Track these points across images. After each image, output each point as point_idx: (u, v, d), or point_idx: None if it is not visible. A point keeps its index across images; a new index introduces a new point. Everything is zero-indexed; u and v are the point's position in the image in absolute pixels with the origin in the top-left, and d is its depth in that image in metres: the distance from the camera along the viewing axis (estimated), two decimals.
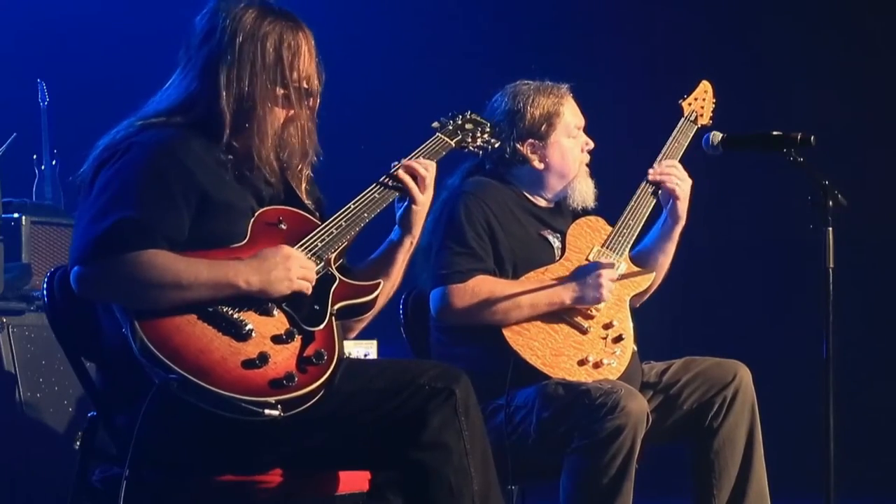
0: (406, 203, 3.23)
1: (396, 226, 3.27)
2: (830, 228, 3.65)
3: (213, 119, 3.07)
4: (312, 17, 3.22)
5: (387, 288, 3.25)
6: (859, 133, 6.50)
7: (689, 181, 4.04)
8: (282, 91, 3.11)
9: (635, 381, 3.85)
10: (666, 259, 4.08)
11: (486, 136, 3.54)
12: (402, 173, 3.21)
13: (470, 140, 3.49)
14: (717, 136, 3.97)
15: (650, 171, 4.04)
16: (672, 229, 4.06)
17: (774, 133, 3.85)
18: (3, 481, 4.67)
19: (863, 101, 6.57)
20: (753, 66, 6.69)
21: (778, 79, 6.66)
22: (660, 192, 4.02)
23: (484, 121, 3.56)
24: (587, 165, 4.09)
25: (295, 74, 3.12)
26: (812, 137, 3.78)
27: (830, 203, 3.66)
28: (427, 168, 3.24)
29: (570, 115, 4.04)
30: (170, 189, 2.96)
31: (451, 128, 3.45)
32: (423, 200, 3.24)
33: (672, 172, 4.03)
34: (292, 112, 3.13)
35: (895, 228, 6.50)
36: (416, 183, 3.22)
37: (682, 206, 4.04)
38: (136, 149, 3.00)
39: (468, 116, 3.53)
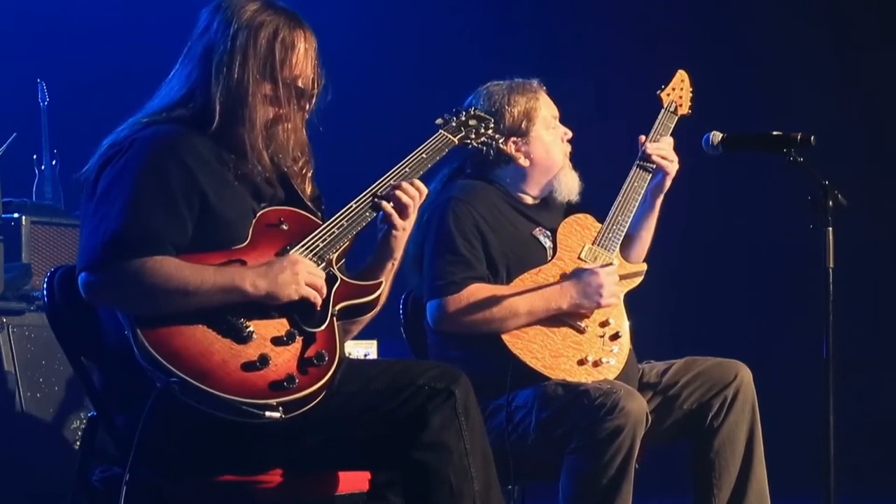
0: (386, 228, 3.17)
1: (377, 249, 3.20)
2: (830, 228, 3.65)
3: (208, 109, 3.05)
4: (311, 15, 3.21)
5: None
6: (859, 133, 6.49)
7: (677, 160, 4.06)
8: (270, 86, 3.08)
9: (632, 379, 3.85)
10: (649, 234, 4.10)
11: (490, 131, 3.49)
12: (385, 204, 3.12)
13: (473, 136, 3.44)
14: (716, 136, 3.96)
15: (647, 146, 4.03)
16: (653, 203, 4.07)
17: (774, 133, 3.85)
18: (4, 481, 4.67)
19: (863, 101, 6.57)
20: (752, 66, 6.68)
21: (777, 79, 6.66)
22: (653, 167, 4.02)
23: (487, 116, 3.52)
24: (569, 158, 4.09)
25: (286, 70, 3.09)
26: (812, 137, 3.78)
27: (830, 203, 3.65)
28: (412, 195, 3.14)
29: (546, 108, 4.05)
30: (173, 192, 2.96)
31: (454, 124, 3.40)
32: (406, 226, 3.16)
33: (668, 150, 4.04)
34: (281, 111, 3.11)
35: (895, 228, 6.50)
36: (399, 210, 3.14)
37: (669, 182, 4.06)
38: (138, 145, 3.00)
39: (472, 112, 3.48)
